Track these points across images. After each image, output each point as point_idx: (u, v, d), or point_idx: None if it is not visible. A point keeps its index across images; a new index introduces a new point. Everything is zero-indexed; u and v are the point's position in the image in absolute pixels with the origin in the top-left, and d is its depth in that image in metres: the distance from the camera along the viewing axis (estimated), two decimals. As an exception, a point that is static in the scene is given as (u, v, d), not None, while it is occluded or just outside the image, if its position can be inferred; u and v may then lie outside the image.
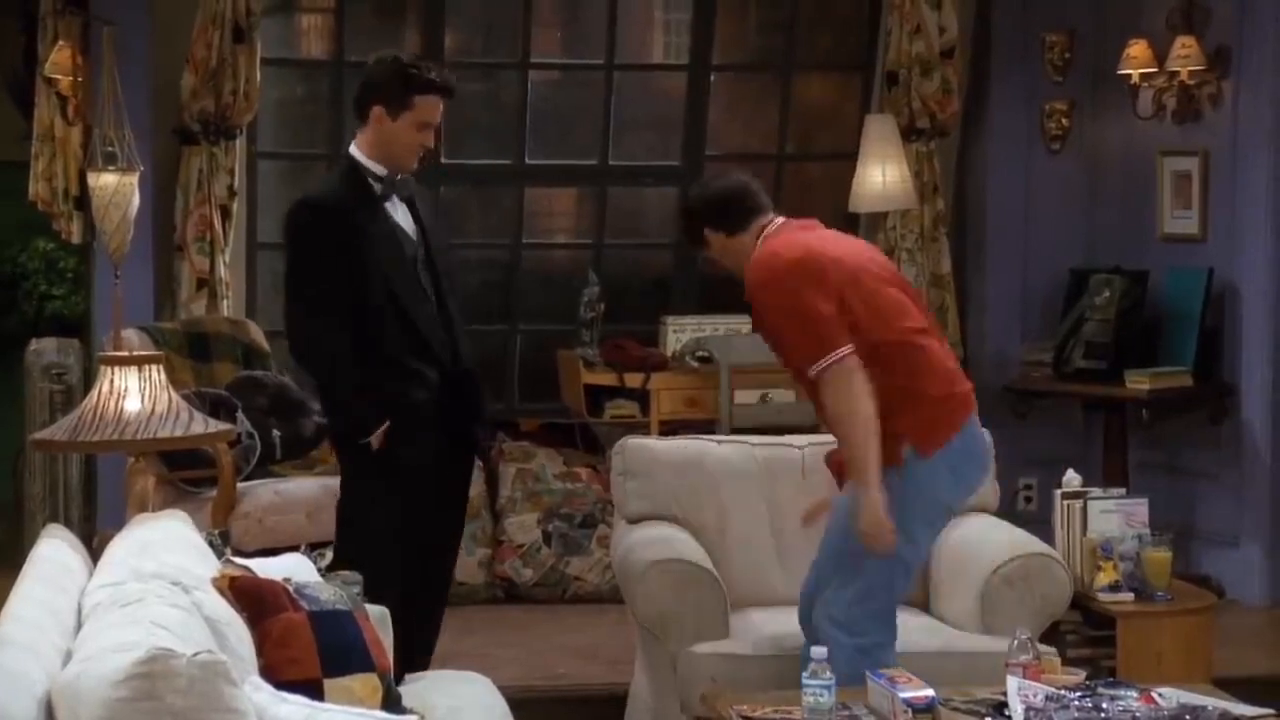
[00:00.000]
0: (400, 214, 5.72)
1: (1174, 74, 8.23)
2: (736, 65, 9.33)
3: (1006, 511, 6.79)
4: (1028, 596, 5.79)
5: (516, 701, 5.25)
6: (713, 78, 8.82)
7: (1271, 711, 4.91)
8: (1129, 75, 8.32)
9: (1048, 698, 4.72)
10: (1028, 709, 4.66)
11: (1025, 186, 8.78)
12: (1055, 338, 8.56)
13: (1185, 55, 8.15)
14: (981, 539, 5.97)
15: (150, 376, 5.42)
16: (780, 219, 5.42)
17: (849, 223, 8.73)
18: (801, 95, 9.21)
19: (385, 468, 5.75)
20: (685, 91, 8.87)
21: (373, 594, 5.16)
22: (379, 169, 5.63)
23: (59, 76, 8.16)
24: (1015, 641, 5.07)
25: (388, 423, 5.70)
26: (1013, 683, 4.81)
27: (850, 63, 9.05)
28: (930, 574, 6.01)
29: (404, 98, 5.48)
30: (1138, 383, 8.07)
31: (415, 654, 5.65)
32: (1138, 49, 8.26)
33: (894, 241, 8.39)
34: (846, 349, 5.14)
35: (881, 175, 8.31)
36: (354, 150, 5.66)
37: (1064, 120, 8.73)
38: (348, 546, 5.84)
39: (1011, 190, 8.79)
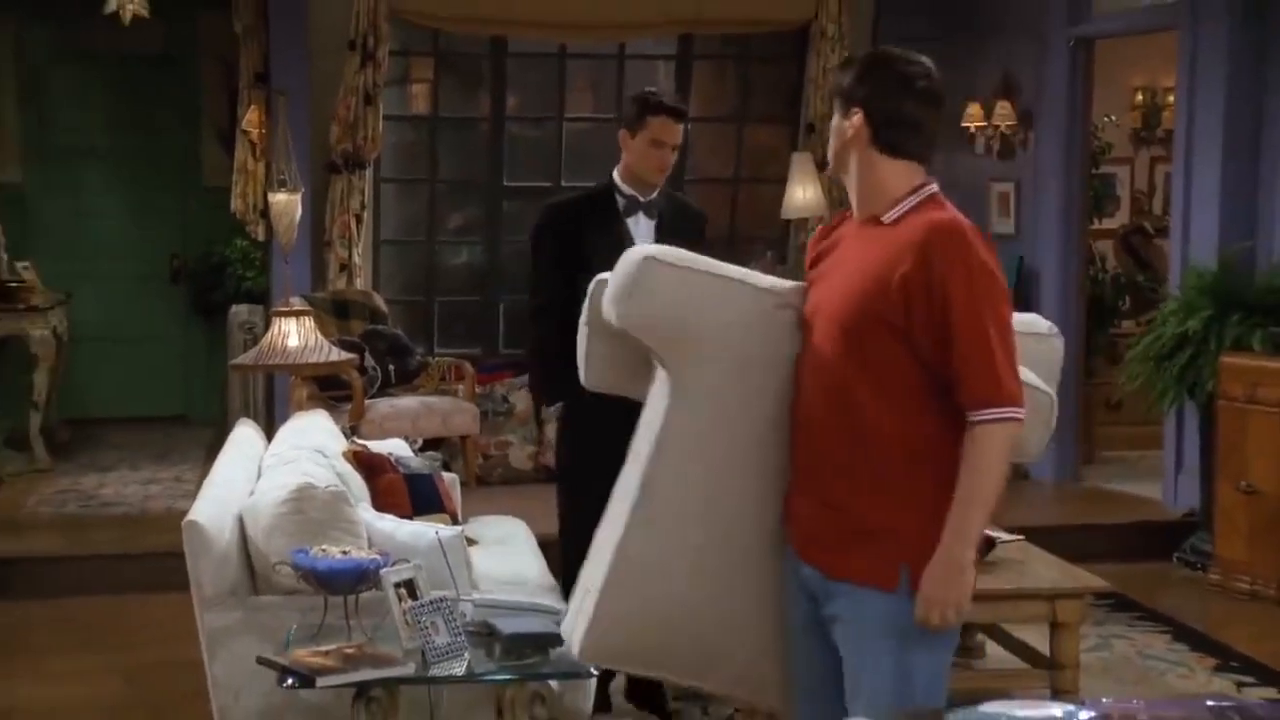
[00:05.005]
0: (641, 230, 4.73)
1: (997, 126, 8.45)
2: (708, 117, 9.25)
3: None
4: None
5: (542, 542, 5.33)
6: (689, 125, 8.80)
7: (1022, 537, 5.04)
8: (968, 126, 8.53)
9: None
10: None
11: None
12: None
13: (1004, 114, 8.40)
14: None
15: (305, 324, 5.70)
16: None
17: (782, 227, 8.88)
18: (750, 138, 9.15)
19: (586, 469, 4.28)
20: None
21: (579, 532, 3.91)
22: (627, 188, 4.76)
23: (250, 129, 8.48)
24: None
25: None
26: None
27: (783, 117, 8.97)
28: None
29: (639, 119, 4.71)
30: None
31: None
32: (973, 108, 8.50)
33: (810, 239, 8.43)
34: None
35: (803, 193, 8.42)
36: (615, 171, 4.79)
37: None
38: (564, 516, 4.81)
39: None
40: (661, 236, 4.69)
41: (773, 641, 3.08)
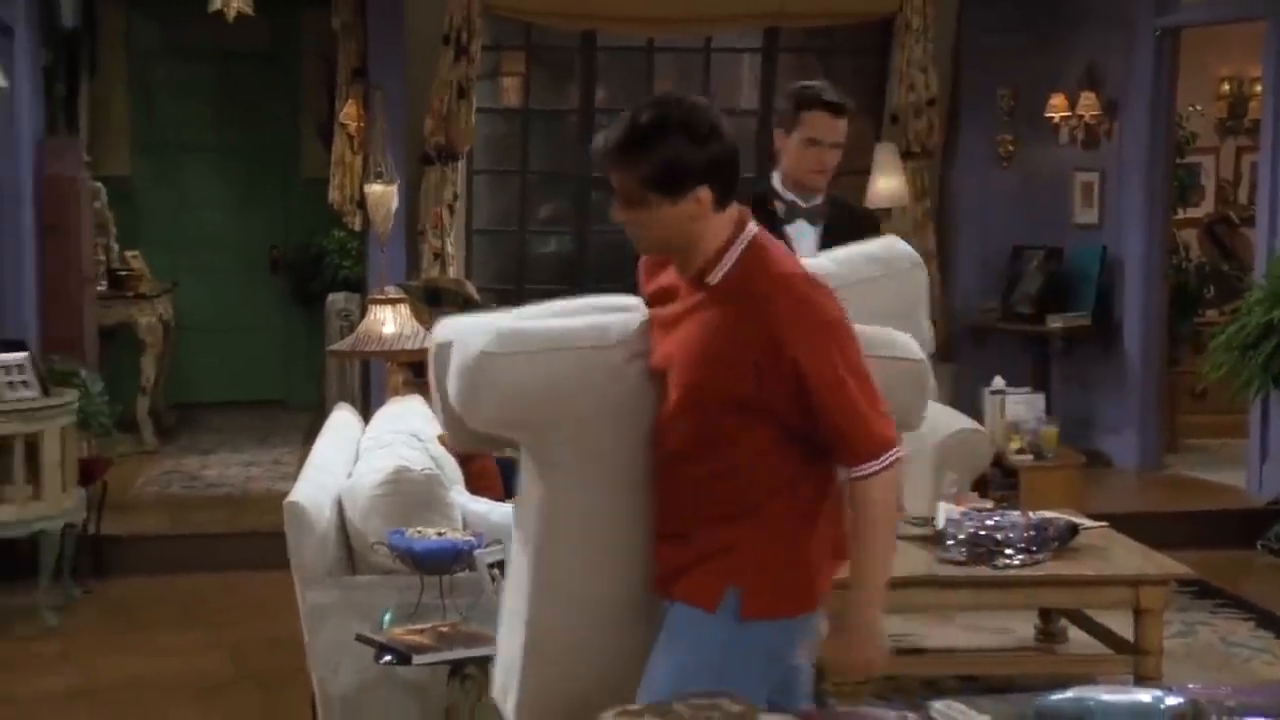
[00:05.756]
0: (805, 240, 4.21)
1: (1081, 116, 8.33)
2: (784, 104, 9.34)
3: (969, 406, 6.70)
4: (964, 457, 5.77)
5: None
6: (775, 116, 8.63)
7: (1106, 524, 5.03)
8: (1052, 117, 8.43)
9: (962, 514, 4.85)
10: (947, 520, 4.80)
11: (984, 191, 8.73)
12: (1001, 293, 8.62)
13: (1088, 104, 8.28)
14: (933, 418, 5.85)
15: (400, 311, 5.76)
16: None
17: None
18: (836, 129, 9.31)
19: None
20: (757, 127, 8.79)
21: None
22: (787, 193, 4.26)
23: (348, 122, 8.51)
24: (947, 481, 5.40)
25: None
26: (941, 507, 4.91)
27: (867, 108, 8.47)
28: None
29: (794, 115, 4.22)
30: (1055, 323, 8.21)
31: None
32: (1058, 100, 8.40)
33: (895, 229, 8.25)
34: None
35: (886, 183, 8.29)
36: (774, 175, 4.34)
37: (1010, 147, 8.72)
38: None
39: (975, 193, 8.74)
40: (832, 245, 3.99)
41: None
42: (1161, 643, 4.64)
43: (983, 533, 4.72)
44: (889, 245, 3.24)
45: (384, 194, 7.87)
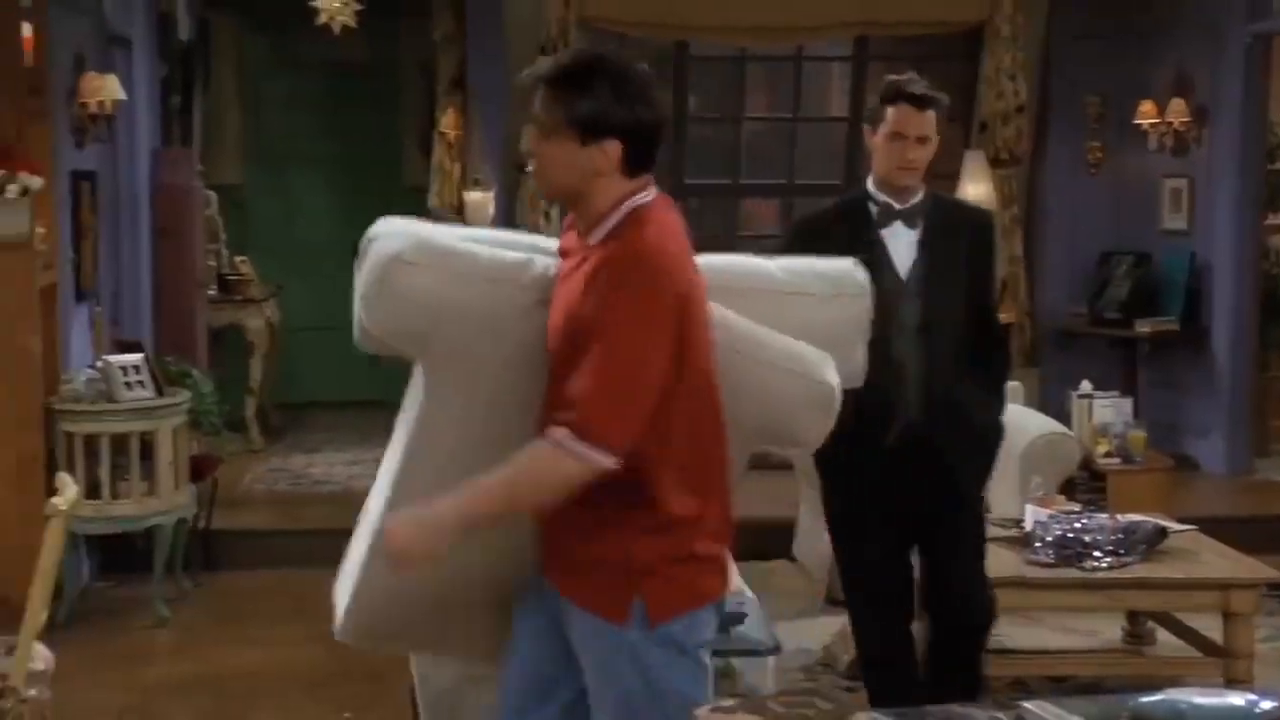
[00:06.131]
0: (900, 242, 3.88)
1: (1170, 123, 8.18)
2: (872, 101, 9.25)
3: (1056, 410, 6.69)
4: (1052, 460, 5.72)
5: None
6: (864, 124, 8.62)
7: (1194, 528, 4.94)
8: (1141, 124, 8.29)
9: (1050, 516, 4.82)
10: (1035, 522, 4.79)
11: (1072, 197, 8.61)
12: (1089, 298, 8.52)
13: (1178, 110, 8.13)
14: (1021, 422, 5.55)
15: None
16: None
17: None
18: (924, 136, 9.22)
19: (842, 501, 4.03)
20: (846, 133, 8.71)
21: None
22: (881, 195, 3.90)
23: (448, 131, 8.59)
24: (1034, 484, 5.35)
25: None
26: (1029, 509, 4.90)
27: (956, 115, 8.37)
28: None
29: (879, 111, 3.90)
30: (1143, 327, 8.09)
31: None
32: (1147, 106, 8.26)
33: (983, 235, 8.35)
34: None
35: (975, 189, 8.14)
36: (868, 179, 3.98)
37: (1098, 154, 8.61)
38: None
39: (1063, 199, 8.63)
40: (929, 250, 3.89)
41: (505, 601, 2.85)
42: (1253, 646, 4.57)
43: (1071, 535, 4.69)
44: (845, 269, 3.08)
45: (482, 200, 8.15)
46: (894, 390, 3.80)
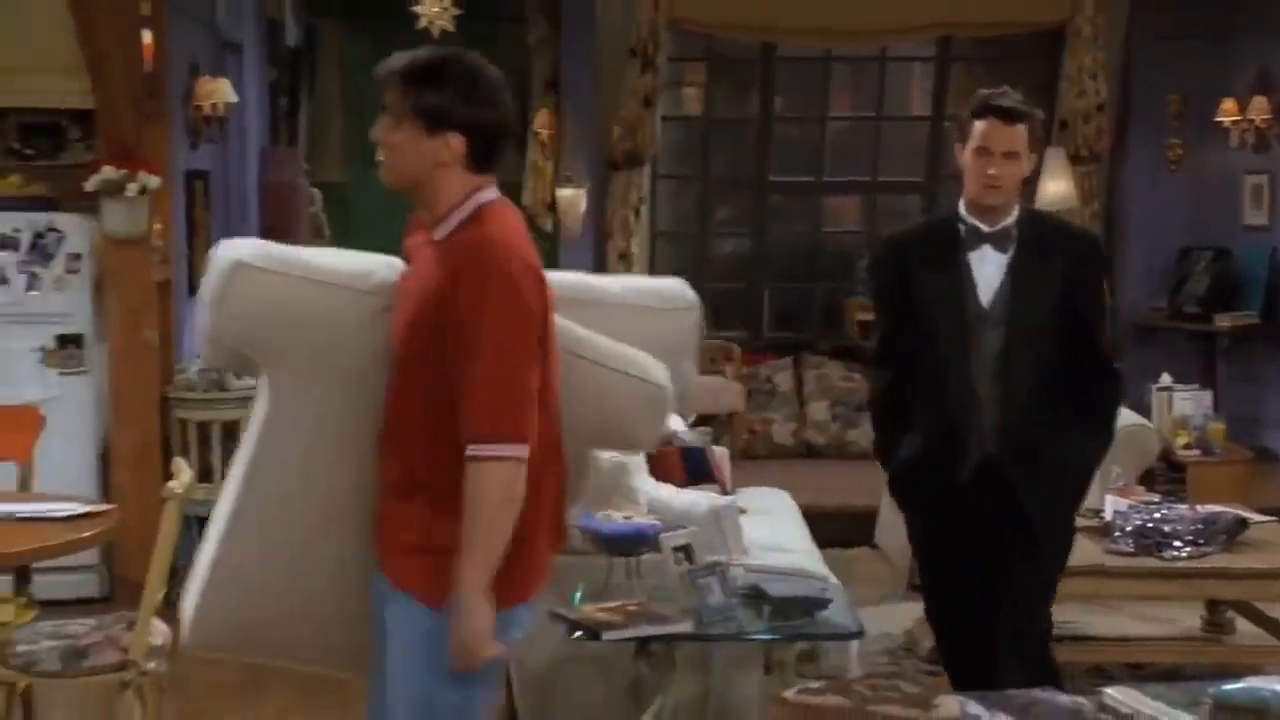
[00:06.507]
0: (987, 265, 3.53)
1: (1252, 120, 8.07)
2: (961, 115, 9.25)
3: (1136, 402, 6.37)
4: (1132, 451, 5.48)
5: (804, 513, 5.41)
6: (945, 123, 8.48)
7: (1275, 519, 4.90)
8: (1222, 121, 8.19)
9: (1130, 506, 4.82)
10: (1115, 512, 4.79)
11: (1152, 194, 8.53)
12: (1169, 292, 8.42)
13: (1260, 109, 8.03)
14: None
15: None
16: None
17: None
18: (1005, 134, 9.13)
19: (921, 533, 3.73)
20: (928, 131, 8.80)
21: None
22: (970, 218, 3.55)
23: (541, 131, 8.51)
24: (1114, 475, 5.25)
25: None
26: (1109, 499, 4.87)
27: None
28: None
29: (968, 125, 3.55)
30: (1223, 321, 8.00)
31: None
32: (1228, 105, 8.16)
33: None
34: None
35: (1055, 186, 8.11)
36: (961, 201, 3.60)
37: (1179, 151, 8.51)
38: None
39: (1143, 196, 8.55)
40: (1017, 275, 3.52)
41: (355, 608, 2.78)
42: (1332, 637, 4.48)
43: (1150, 525, 4.65)
44: (675, 286, 3.12)
45: (573, 198, 8.16)
46: (969, 421, 3.51)
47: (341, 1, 10.14)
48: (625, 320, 2.93)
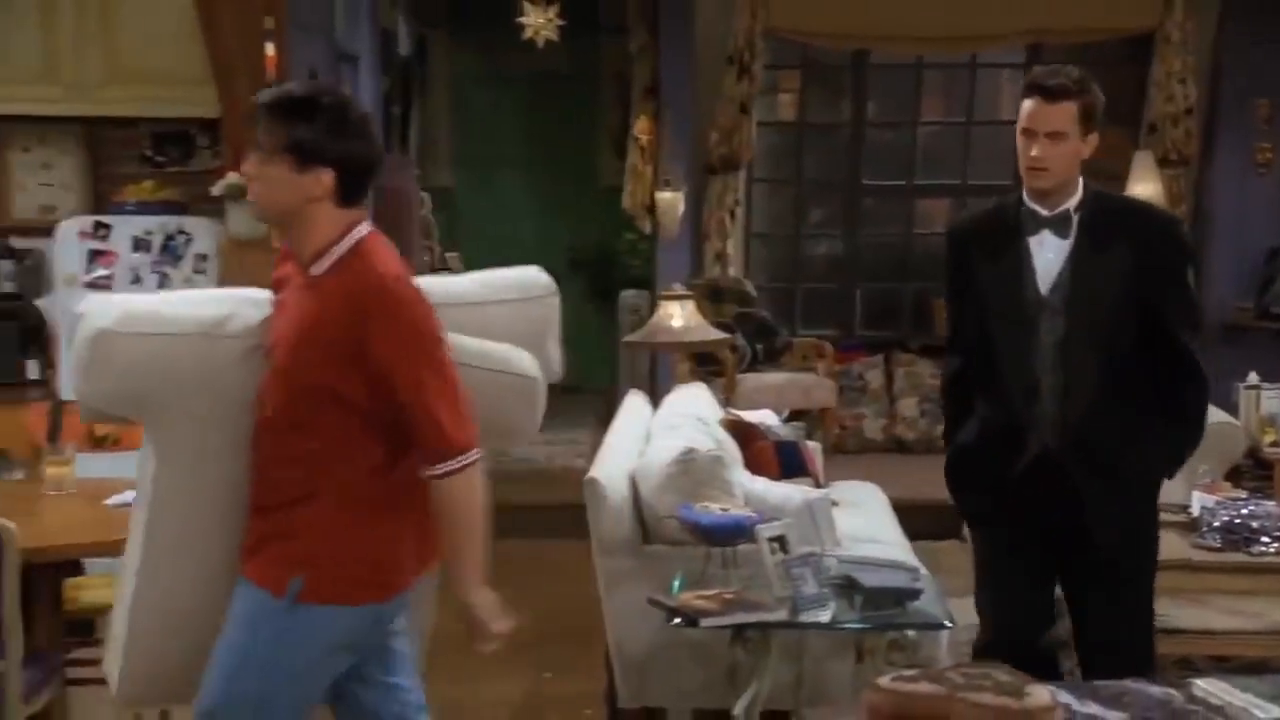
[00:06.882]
0: (1047, 251, 3.28)
1: None
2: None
3: (1223, 400, 6.37)
4: (1219, 449, 5.44)
5: (895, 506, 5.36)
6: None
7: None
8: None
9: (1217, 502, 4.78)
10: (1203, 508, 4.76)
11: (1240, 197, 8.37)
12: (1256, 292, 8.28)
13: None
14: None
15: (687, 307, 5.70)
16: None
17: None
18: (1094, 138, 9.01)
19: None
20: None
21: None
22: (1030, 203, 3.30)
23: (641, 136, 8.53)
24: (1201, 471, 5.23)
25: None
26: (1196, 495, 4.83)
27: (1125, 119, 8.38)
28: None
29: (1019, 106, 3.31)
30: None
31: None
32: None
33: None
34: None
35: (1144, 190, 7.96)
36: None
37: (1267, 154, 8.31)
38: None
39: (1231, 199, 8.40)
40: (1080, 260, 3.26)
41: None
42: None
43: (1238, 520, 4.61)
44: (531, 274, 3.21)
45: (672, 200, 8.16)
46: (1028, 413, 3.29)
47: (450, 12, 10.27)
48: (487, 316, 3.00)
